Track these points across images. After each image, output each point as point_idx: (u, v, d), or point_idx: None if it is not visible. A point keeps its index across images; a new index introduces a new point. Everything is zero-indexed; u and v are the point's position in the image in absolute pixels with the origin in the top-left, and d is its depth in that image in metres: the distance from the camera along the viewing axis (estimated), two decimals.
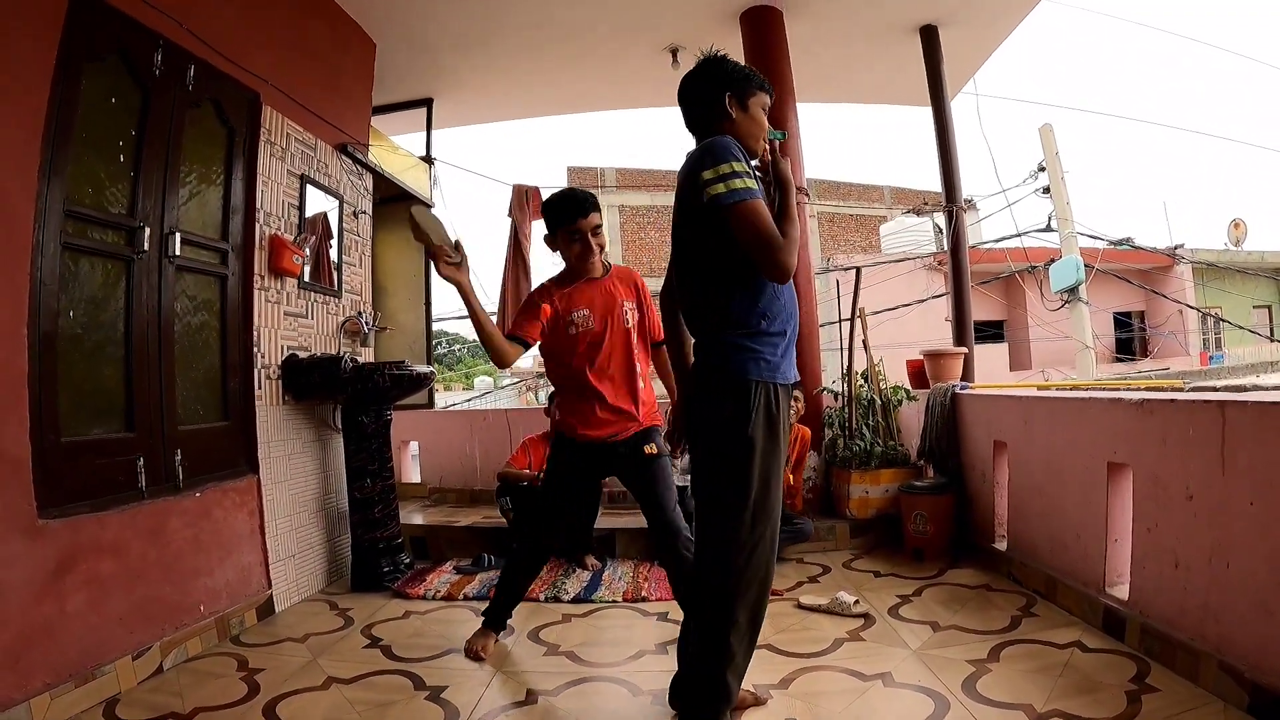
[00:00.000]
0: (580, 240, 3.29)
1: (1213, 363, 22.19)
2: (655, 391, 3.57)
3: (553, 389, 3.93)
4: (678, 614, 3.86)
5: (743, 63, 2.61)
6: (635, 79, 7.47)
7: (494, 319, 7.35)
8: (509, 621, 3.71)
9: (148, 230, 3.49)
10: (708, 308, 2.44)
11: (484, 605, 4.12)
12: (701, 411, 2.45)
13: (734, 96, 2.47)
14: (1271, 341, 22.49)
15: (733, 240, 2.28)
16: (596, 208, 3.32)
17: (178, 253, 3.68)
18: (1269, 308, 25.99)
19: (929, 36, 6.64)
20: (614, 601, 4.28)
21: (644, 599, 4.29)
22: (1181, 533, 2.90)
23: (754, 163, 2.47)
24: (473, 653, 3.50)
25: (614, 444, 3.36)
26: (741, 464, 2.34)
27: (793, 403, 4.80)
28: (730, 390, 2.36)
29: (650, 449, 3.32)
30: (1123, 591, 3.28)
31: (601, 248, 3.36)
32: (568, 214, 3.27)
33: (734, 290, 2.37)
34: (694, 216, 2.40)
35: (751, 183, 2.27)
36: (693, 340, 2.59)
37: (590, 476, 3.66)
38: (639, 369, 3.41)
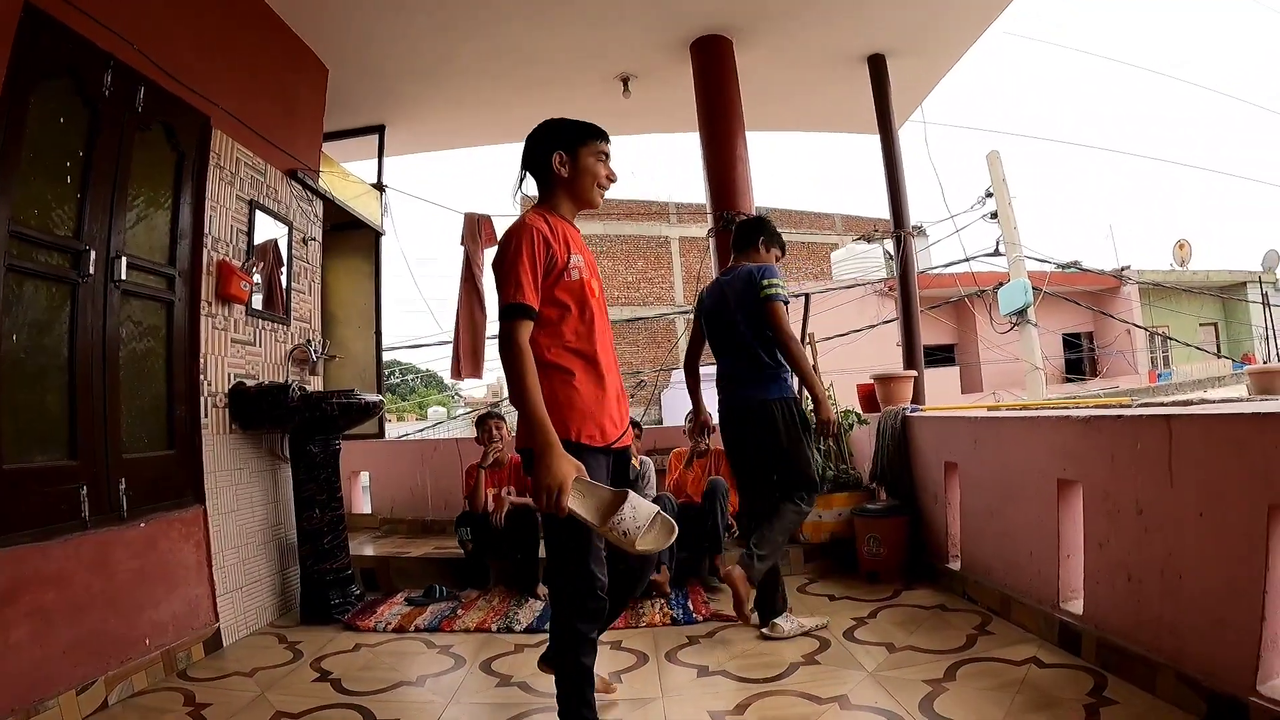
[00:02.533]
0: (607, 164, 2.78)
1: (1161, 380, 22.70)
2: None
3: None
4: (630, 642, 3.89)
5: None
6: (587, 108, 7.46)
7: (450, 350, 7.34)
8: (460, 651, 3.63)
9: (93, 253, 3.41)
10: None
11: (436, 637, 4.07)
12: None
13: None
14: (1218, 358, 23.04)
15: None
16: None
17: (124, 277, 3.60)
18: (1215, 325, 26.67)
19: (877, 65, 6.77)
20: None
21: None
22: (1133, 546, 2.94)
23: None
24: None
25: (621, 451, 2.77)
26: None
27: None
28: None
29: (635, 462, 3.19)
30: (1077, 606, 3.31)
31: None
32: (594, 132, 2.77)
33: None
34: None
35: None
36: None
37: None
38: None
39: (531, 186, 2.85)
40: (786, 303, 3.88)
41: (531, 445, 2.38)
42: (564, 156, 2.67)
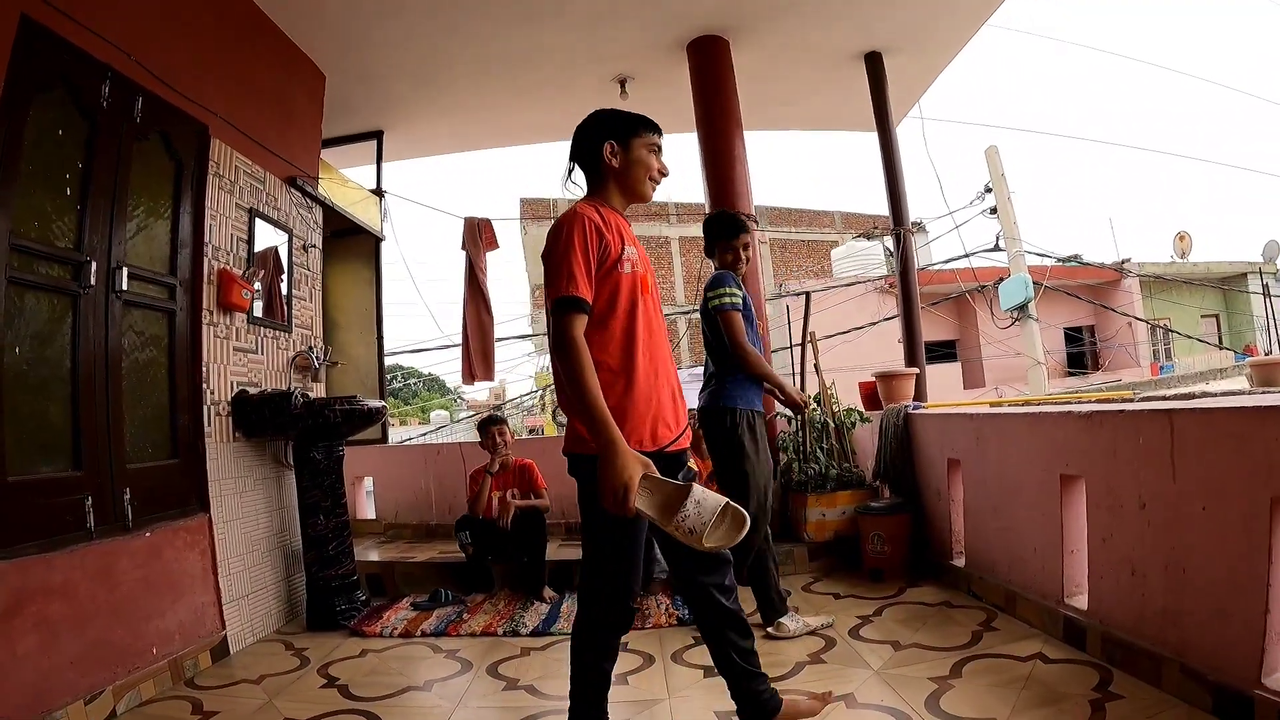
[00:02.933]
0: (659, 157, 2.71)
1: (1163, 373, 22.65)
2: None
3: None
4: (636, 644, 3.86)
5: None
6: (585, 109, 7.36)
7: (458, 354, 7.35)
8: (466, 656, 3.63)
9: (94, 264, 3.42)
10: None
11: (442, 641, 4.07)
12: None
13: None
14: (1220, 349, 23.02)
15: None
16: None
17: (125, 287, 3.61)
18: (1216, 316, 26.64)
19: (874, 63, 6.76)
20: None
21: None
22: (1137, 541, 2.94)
23: None
24: None
25: (676, 455, 2.56)
26: None
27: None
28: None
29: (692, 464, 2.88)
30: (1082, 602, 3.32)
31: None
32: (647, 124, 2.72)
33: None
34: None
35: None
36: None
37: None
38: None
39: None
40: (738, 308, 3.83)
41: (589, 448, 2.26)
42: (615, 146, 2.62)
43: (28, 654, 2.93)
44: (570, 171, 2.75)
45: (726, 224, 4.07)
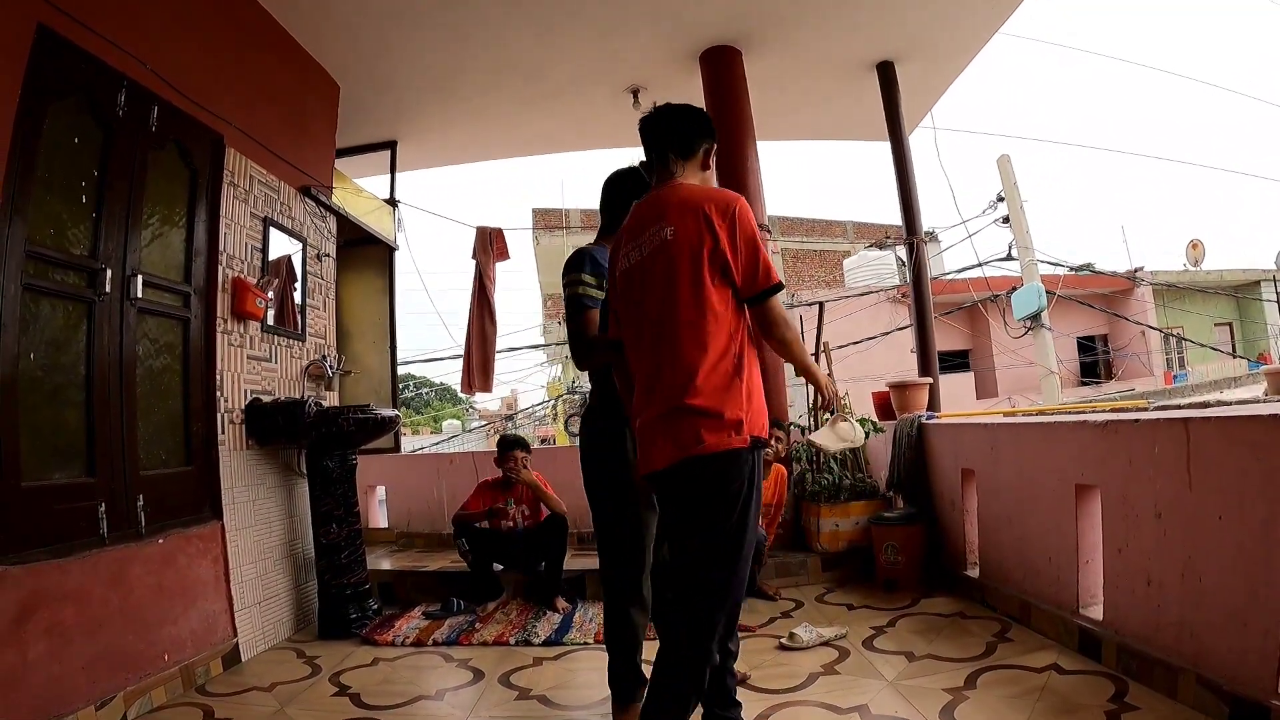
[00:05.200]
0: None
1: (1176, 381, 22.56)
2: None
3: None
4: (649, 653, 3.81)
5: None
6: (598, 120, 7.54)
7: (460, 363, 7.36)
8: (478, 665, 3.62)
9: (109, 272, 3.45)
10: None
11: (454, 650, 4.07)
12: None
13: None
14: (1234, 358, 22.88)
15: None
16: None
17: (140, 295, 3.63)
18: (1230, 324, 26.50)
19: (886, 73, 6.75)
20: (585, 644, 4.22)
21: None
22: (1152, 550, 2.92)
23: None
24: None
25: None
26: None
27: (773, 441, 4.79)
28: None
29: None
30: (1097, 612, 3.30)
31: None
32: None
33: None
34: None
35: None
36: None
37: None
38: None
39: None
40: (585, 303, 2.91)
41: (740, 441, 2.28)
42: (709, 150, 2.63)
43: (40, 659, 2.93)
44: (660, 154, 2.60)
45: (615, 196, 3.33)
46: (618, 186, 3.22)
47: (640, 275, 2.46)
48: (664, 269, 2.38)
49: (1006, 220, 13.86)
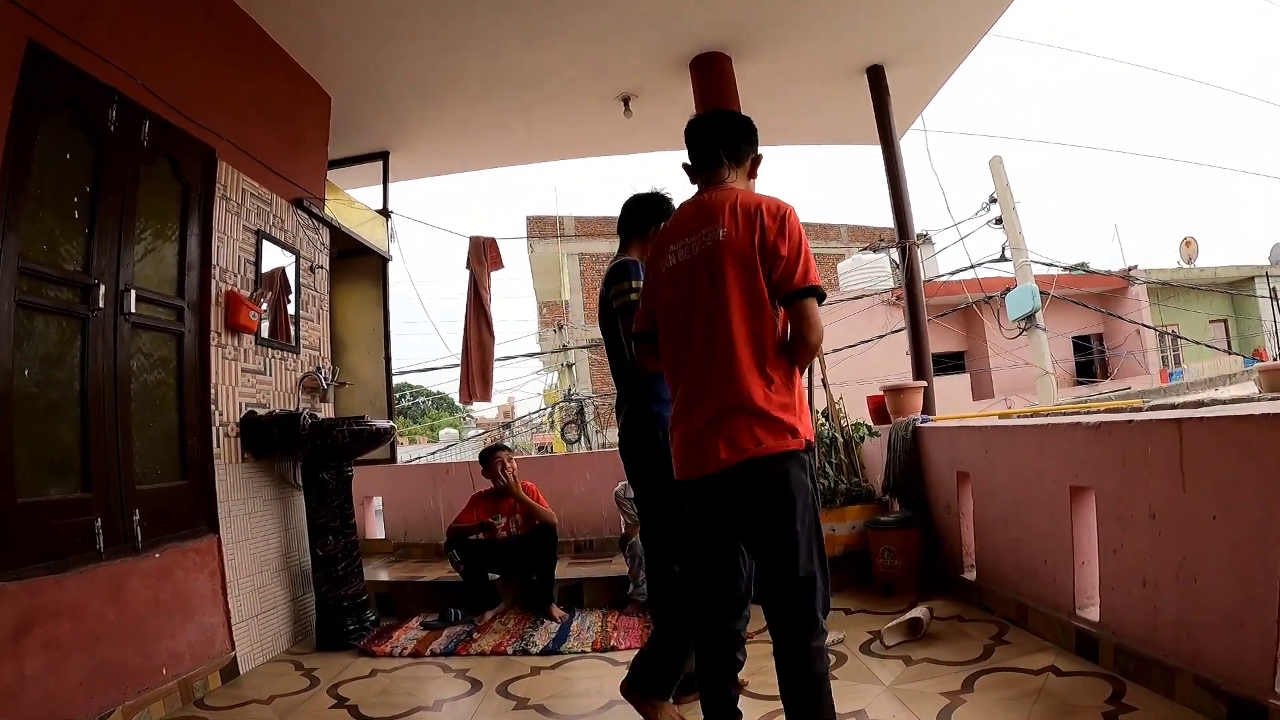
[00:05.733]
0: None
1: (1172, 379, 22.58)
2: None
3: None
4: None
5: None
6: (589, 128, 7.55)
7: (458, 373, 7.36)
8: (476, 675, 3.62)
9: (103, 287, 3.45)
10: None
11: (452, 661, 4.06)
12: None
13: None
14: (1229, 355, 22.93)
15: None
16: None
17: (133, 310, 3.63)
18: (1225, 321, 26.57)
19: (876, 76, 6.76)
20: (583, 652, 4.22)
21: (613, 648, 4.23)
22: (1148, 551, 2.93)
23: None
24: None
25: None
26: None
27: None
28: None
29: None
30: (1093, 613, 3.30)
31: None
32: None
33: None
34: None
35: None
36: None
37: None
38: None
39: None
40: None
41: (798, 443, 2.32)
42: (757, 160, 2.66)
43: (37, 675, 2.93)
44: (722, 151, 2.60)
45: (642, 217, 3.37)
46: (637, 210, 3.34)
47: (689, 275, 2.46)
48: (715, 270, 2.38)
49: (999, 221, 13.88)
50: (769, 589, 2.39)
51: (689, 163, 2.66)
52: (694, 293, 2.44)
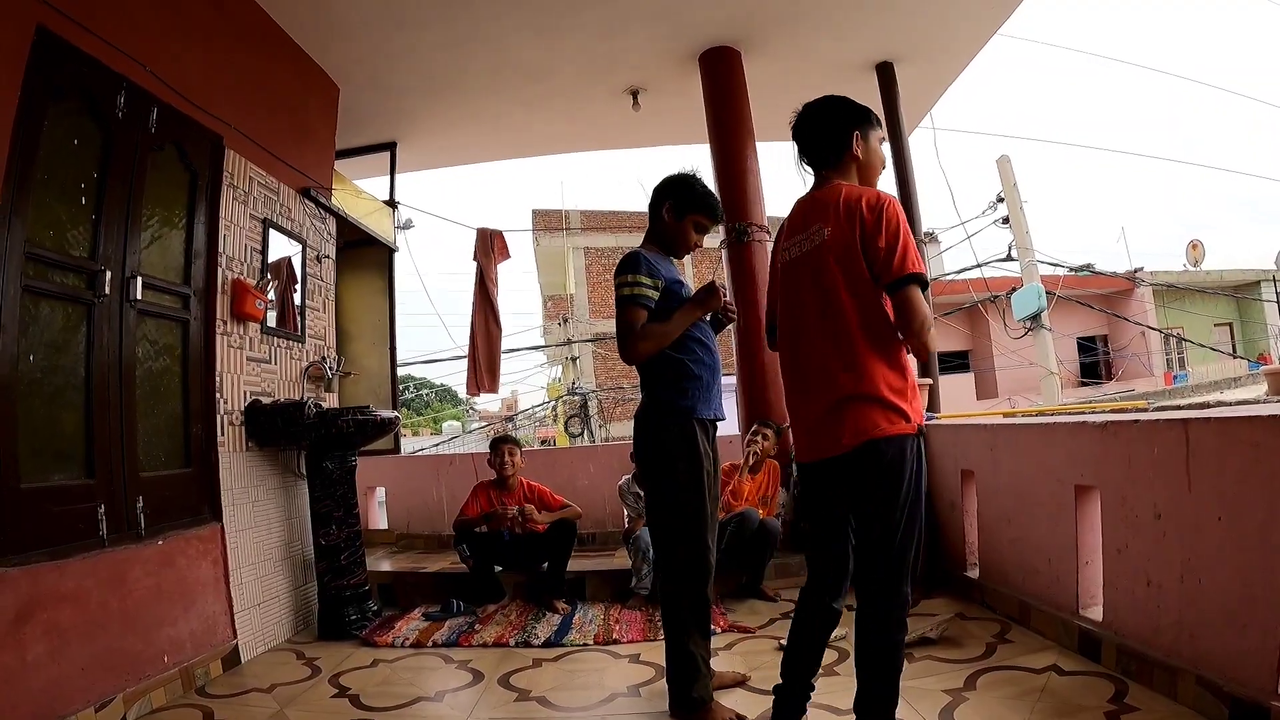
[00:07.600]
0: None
1: (1177, 382, 22.57)
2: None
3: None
4: (649, 655, 3.86)
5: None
6: (597, 121, 7.54)
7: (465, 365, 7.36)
8: (478, 666, 3.62)
9: (109, 274, 3.45)
10: None
11: (454, 652, 4.06)
12: None
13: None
14: (1234, 358, 22.89)
15: None
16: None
17: (139, 297, 3.63)
18: (1230, 325, 26.52)
19: (885, 73, 6.75)
20: (585, 645, 4.22)
21: (615, 641, 4.23)
22: (1152, 552, 2.92)
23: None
24: None
25: None
26: None
27: (759, 440, 4.90)
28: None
29: None
30: (1096, 613, 3.29)
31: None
32: (875, 117, 2.75)
33: None
34: None
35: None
36: None
37: None
38: None
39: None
40: (642, 301, 3.06)
41: (905, 427, 2.40)
42: (860, 137, 2.64)
43: (38, 661, 2.93)
44: (815, 154, 2.70)
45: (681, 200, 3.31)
46: (657, 191, 3.37)
47: (800, 271, 2.59)
48: (822, 267, 2.49)
49: (1006, 221, 13.86)
50: (865, 558, 2.51)
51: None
52: (805, 288, 2.56)
